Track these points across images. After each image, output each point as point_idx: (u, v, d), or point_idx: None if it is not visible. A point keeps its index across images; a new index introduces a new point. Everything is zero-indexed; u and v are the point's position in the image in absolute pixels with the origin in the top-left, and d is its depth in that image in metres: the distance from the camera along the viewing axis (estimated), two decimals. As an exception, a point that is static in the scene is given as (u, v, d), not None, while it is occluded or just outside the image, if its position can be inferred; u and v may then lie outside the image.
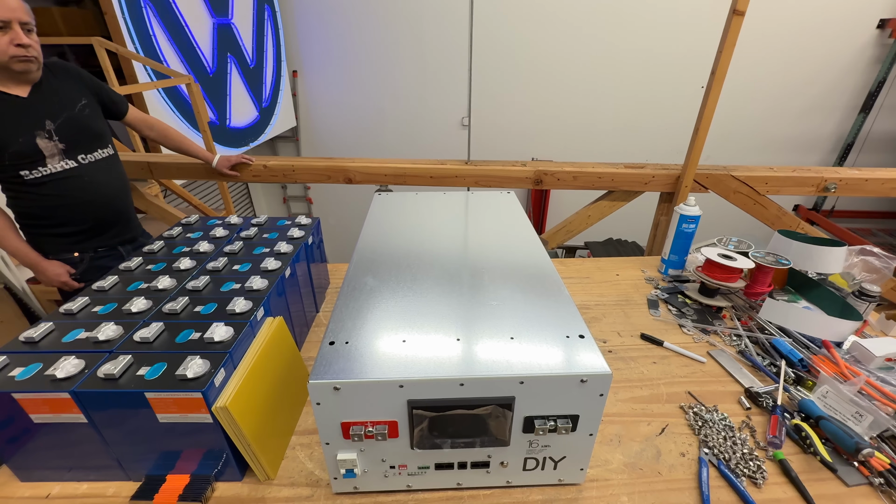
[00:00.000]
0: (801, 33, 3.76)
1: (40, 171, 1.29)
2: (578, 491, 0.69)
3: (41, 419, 0.62)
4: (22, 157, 1.26)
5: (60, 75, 1.36)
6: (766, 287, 1.13)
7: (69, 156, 1.33)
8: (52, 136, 1.29)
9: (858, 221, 4.55)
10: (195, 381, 0.60)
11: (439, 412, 0.59)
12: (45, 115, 1.28)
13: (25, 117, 1.26)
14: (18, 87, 1.26)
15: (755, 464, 0.72)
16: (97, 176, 1.40)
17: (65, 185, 1.33)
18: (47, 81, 1.32)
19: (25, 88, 1.27)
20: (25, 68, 1.22)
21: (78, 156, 1.35)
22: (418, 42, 4.00)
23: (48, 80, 1.32)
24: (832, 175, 1.79)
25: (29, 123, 1.26)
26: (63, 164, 1.33)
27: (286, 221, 1.15)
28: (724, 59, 1.51)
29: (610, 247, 3.50)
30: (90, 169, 1.38)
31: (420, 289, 0.76)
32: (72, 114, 1.34)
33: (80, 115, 1.36)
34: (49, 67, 1.33)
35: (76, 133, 1.34)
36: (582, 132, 4.30)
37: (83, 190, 1.37)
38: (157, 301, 0.79)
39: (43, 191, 1.31)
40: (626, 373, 0.94)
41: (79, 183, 1.36)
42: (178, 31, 3.13)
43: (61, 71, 1.37)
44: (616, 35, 3.86)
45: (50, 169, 1.30)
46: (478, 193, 1.27)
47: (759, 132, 4.20)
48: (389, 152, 4.45)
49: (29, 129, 1.26)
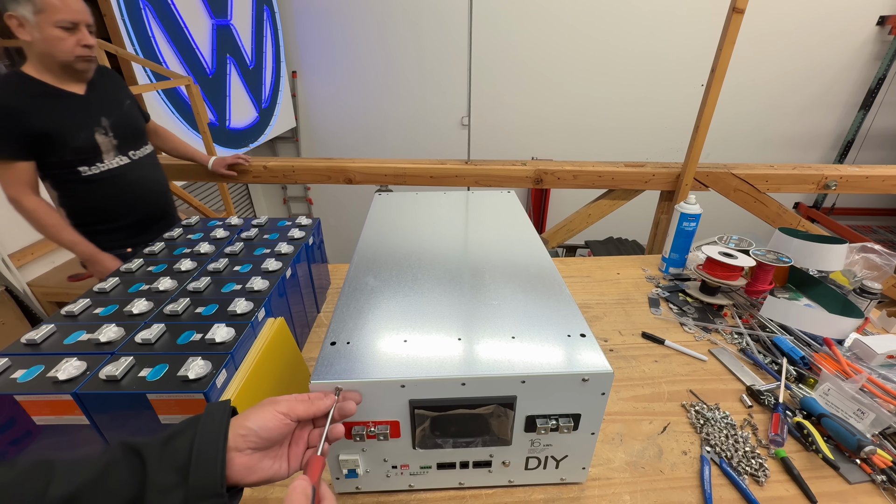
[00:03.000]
0: (801, 30, 3.76)
1: (97, 167, 1.35)
2: (580, 490, 0.69)
3: (43, 421, 0.62)
4: (82, 152, 1.31)
5: (106, 76, 1.44)
6: (767, 285, 1.13)
7: (121, 151, 1.40)
8: (108, 132, 1.36)
9: (859, 219, 4.54)
10: (197, 382, 0.60)
11: (441, 412, 0.59)
12: (101, 111, 1.35)
13: (85, 114, 1.32)
14: (76, 86, 1.32)
15: (757, 462, 0.72)
16: (145, 171, 1.47)
17: (119, 180, 1.39)
18: (98, 80, 1.38)
19: (82, 86, 1.33)
20: (87, 67, 1.29)
21: (129, 151, 1.42)
22: (418, 42, 4.00)
23: (98, 80, 1.39)
24: (833, 172, 1.79)
25: (88, 120, 1.32)
26: (118, 160, 1.39)
27: (286, 222, 1.15)
28: (723, 57, 1.51)
29: (610, 245, 3.50)
30: (139, 164, 1.45)
31: (421, 289, 0.76)
32: (121, 111, 1.41)
33: (129, 113, 1.44)
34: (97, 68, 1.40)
35: (126, 129, 1.41)
36: (582, 131, 4.29)
37: (134, 185, 1.43)
38: (158, 302, 0.79)
39: (98, 187, 1.36)
40: (627, 371, 0.94)
41: (130, 178, 1.42)
42: (177, 32, 3.13)
43: (105, 72, 1.45)
44: (616, 34, 3.86)
45: (106, 164, 1.36)
46: (478, 193, 1.27)
47: (760, 130, 4.20)
48: (389, 152, 4.45)
49: (88, 125, 1.31)
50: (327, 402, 0.50)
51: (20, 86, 1.24)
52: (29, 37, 1.20)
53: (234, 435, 0.44)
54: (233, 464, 0.43)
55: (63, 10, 1.18)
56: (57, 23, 1.18)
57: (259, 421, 0.45)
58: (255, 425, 0.45)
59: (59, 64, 1.24)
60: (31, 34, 1.19)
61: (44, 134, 1.24)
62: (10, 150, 1.22)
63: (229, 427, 0.44)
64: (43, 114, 1.24)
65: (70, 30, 1.20)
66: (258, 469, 0.45)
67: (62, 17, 1.18)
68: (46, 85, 1.26)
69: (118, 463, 0.41)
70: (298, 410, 0.48)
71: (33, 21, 1.16)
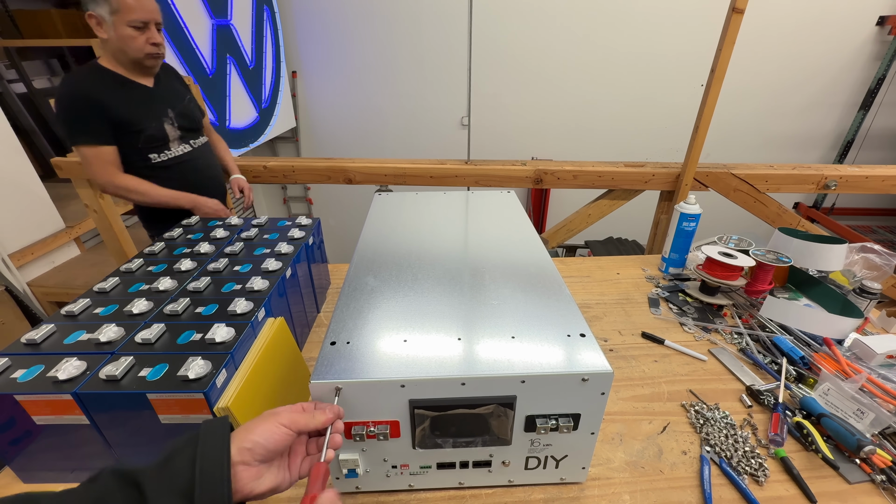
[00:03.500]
0: (801, 30, 3.76)
1: (166, 154, 1.46)
2: (580, 490, 0.69)
3: (43, 421, 0.62)
4: (153, 140, 1.42)
5: (167, 71, 1.54)
6: (767, 285, 1.13)
7: (184, 140, 1.52)
8: (174, 122, 1.47)
9: (859, 219, 4.54)
10: (197, 381, 0.60)
11: (441, 412, 0.59)
12: (167, 103, 1.46)
13: (155, 104, 1.43)
14: (145, 79, 1.43)
15: (757, 461, 0.72)
16: (205, 158, 1.60)
17: (184, 166, 1.51)
18: (163, 75, 1.50)
19: (150, 80, 1.44)
20: (154, 64, 1.40)
21: (190, 140, 1.54)
22: (418, 42, 4.00)
23: (163, 75, 1.50)
24: (832, 172, 1.79)
25: (158, 110, 1.43)
26: (182, 148, 1.51)
27: (286, 222, 1.15)
28: (723, 57, 1.51)
29: (610, 245, 3.50)
30: (200, 152, 1.57)
31: (421, 288, 0.76)
32: (183, 103, 1.52)
33: (189, 106, 1.55)
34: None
35: (188, 120, 1.53)
36: (582, 131, 4.29)
37: (197, 171, 1.55)
38: (158, 302, 0.79)
39: (166, 173, 1.47)
40: (627, 371, 0.94)
41: (194, 165, 1.54)
42: (176, 32, 3.13)
43: (167, 68, 1.55)
44: (616, 34, 3.85)
45: (173, 152, 1.48)
46: (478, 193, 1.27)
47: (759, 130, 4.20)
48: (389, 152, 4.44)
49: (158, 115, 1.43)
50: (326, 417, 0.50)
51: (101, 77, 1.35)
52: (106, 35, 1.29)
53: (241, 448, 0.43)
54: (239, 478, 0.42)
55: (136, 11, 1.27)
56: (130, 22, 1.27)
57: (266, 434, 0.45)
58: (262, 438, 0.45)
59: (131, 60, 1.34)
60: (108, 32, 1.29)
61: (122, 121, 1.34)
62: (99, 136, 1.33)
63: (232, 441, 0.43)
64: (121, 103, 1.34)
65: (140, 29, 1.29)
66: (264, 481, 0.45)
67: (135, 16, 1.26)
68: (122, 76, 1.37)
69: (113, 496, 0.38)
70: (300, 423, 0.48)
71: (109, 21, 1.26)
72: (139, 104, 1.38)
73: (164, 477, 0.40)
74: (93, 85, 1.31)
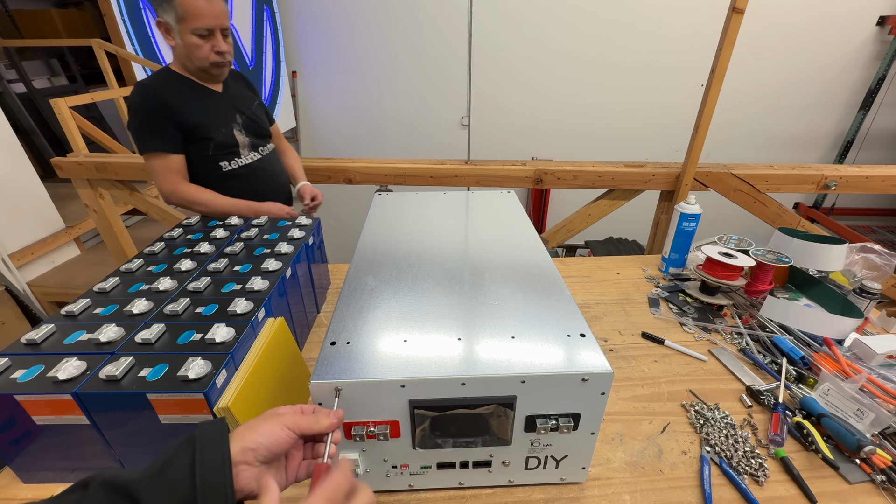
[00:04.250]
0: (801, 31, 3.76)
1: (236, 162, 1.43)
2: (580, 490, 0.69)
3: (43, 421, 0.62)
4: (224, 147, 1.39)
5: (236, 77, 1.51)
6: (767, 285, 1.13)
7: (253, 148, 1.48)
8: (242, 130, 1.44)
9: (859, 219, 4.54)
10: (197, 381, 0.60)
11: (441, 412, 0.59)
12: (236, 110, 1.43)
13: (224, 111, 1.40)
14: (214, 85, 1.40)
15: (757, 461, 0.72)
16: (273, 166, 1.56)
17: (253, 175, 1.48)
18: (231, 82, 1.47)
19: (219, 85, 1.41)
20: (220, 72, 1.37)
21: (259, 147, 1.50)
22: (418, 42, 4.00)
23: (231, 81, 1.47)
24: (832, 172, 1.79)
25: (227, 116, 1.40)
26: (251, 156, 1.47)
27: (286, 222, 1.15)
28: (723, 57, 1.51)
29: (610, 245, 3.50)
30: (268, 160, 1.53)
31: (421, 288, 0.76)
32: (251, 110, 1.48)
33: (257, 112, 1.51)
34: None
35: (256, 127, 1.49)
36: (582, 131, 4.29)
37: (266, 179, 1.53)
38: (158, 302, 0.79)
39: (237, 182, 1.44)
40: (627, 371, 0.94)
41: (263, 173, 1.51)
42: (177, 32, 3.13)
43: (235, 73, 1.51)
44: (616, 34, 3.85)
45: (243, 160, 1.44)
46: (478, 193, 1.27)
47: (759, 130, 4.20)
48: (389, 152, 4.44)
49: (227, 121, 1.40)
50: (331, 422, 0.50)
51: (171, 82, 1.33)
52: (173, 42, 1.29)
53: (244, 448, 0.43)
54: (240, 478, 0.42)
55: (200, 18, 1.23)
56: (194, 30, 1.24)
57: (270, 435, 0.45)
58: (266, 440, 0.44)
59: (196, 68, 1.33)
60: (175, 39, 1.27)
61: (192, 127, 1.32)
62: (167, 144, 1.30)
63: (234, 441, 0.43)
64: (191, 108, 1.32)
65: (205, 37, 1.26)
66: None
67: (199, 24, 1.23)
68: (191, 81, 1.35)
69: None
70: (304, 427, 0.48)
71: (176, 28, 1.24)
72: (208, 110, 1.36)
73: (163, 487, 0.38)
74: (163, 91, 1.29)
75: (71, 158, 1.88)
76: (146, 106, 1.27)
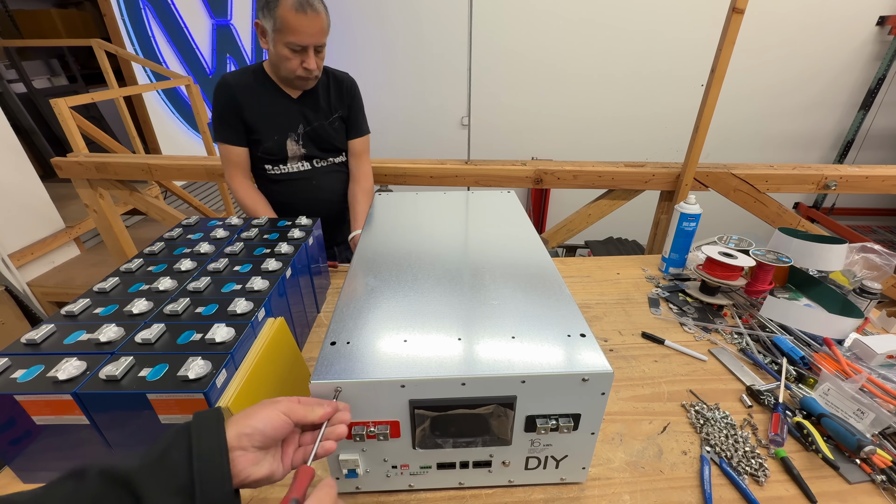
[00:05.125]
0: (801, 31, 3.76)
1: (280, 169, 1.44)
2: (580, 490, 0.69)
3: (43, 421, 0.62)
4: (270, 153, 1.40)
5: (331, 84, 1.45)
6: (767, 285, 1.13)
7: (306, 159, 1.46)
8: (299, 140, 1.42)
9: (859, 219, 4.54)
10: (197, 381, 0.60)
11: (441, 412, 0.59)
12: (301, 119, 1.40)
13: (287, 119, 1.39)
14: (292, 91, 1.39)
15: (757, 461, 0.72)
16: (325, 180, 1.51)
17: (297, 184, 1.46)
18: (322, 89, 1.43)
19: (297, 92, 1.40)
20: (304, 85, 1.36)
21: (313, 160, 1.47)
22: (418, 42, 4.00)
23: (322, 87, 1.43)
24: (832, 172, 1.79)
25: (287, 125, 1.39)
26: (299, 165, 1.46)
27: (286, 222, 1.15)
28: (723, 57, 1.51)
29: (610, 245, 3.50)
30: (319, 171, 1.49)
31: (421, 288, 0.76)
32: (323, 123, 1.44)
33: (330, 127, 1.45)
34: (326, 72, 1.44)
35: (319, 141, 1.45)
36: (582, 131, 4.29)
37: (311, 192, 1.48)
38: (158, 302, 0.79)
39: (278, 186, 1.46)
40: (627, 371, 0.94)
41: (308, 185, 1.48)
42: (177, 32, 3.13)
43: (333, 80, 1.46)
44: (616, 34, 3.86)
45: (289, 168, 1.45)
46: (478, 193, 1.27)
47: (759, 130, 4.20)
48: (389, 152, 4.45)
49: (284, 130, 1.39)
50: (324, 410, 0.50)
51: (254, 79, 1.36)
52: (267, 46, 1.29)
53: (239, 434, 0.43)
54: (236, 463, 0.42)
55: (296, 34, 1.22)
56: (288, 44, 1.23)
57: (265, 420, 0.45)
58: (262, 424, 0.45)
59: (282, 76, 1.33)
60: (269, 45, 1.28)
61: (250, 127, 1.36)
62: (232, 135, 1.35)
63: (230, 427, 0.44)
64: (255, 109, 1.34)
65: (298, 52, 1.25)
66: (261, 467, 0.45)
67: (293, 39, 1.22)
68: (272, 83, 1.37)
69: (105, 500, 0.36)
70: (298, 413, 0.48)
71: (271, 35, 1.25)
72: (269, 115, 1.36)
73: (160, 475, 0.38)
74: (236, 87, 1.33)
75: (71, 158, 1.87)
76: (219, 99, 1.33)
